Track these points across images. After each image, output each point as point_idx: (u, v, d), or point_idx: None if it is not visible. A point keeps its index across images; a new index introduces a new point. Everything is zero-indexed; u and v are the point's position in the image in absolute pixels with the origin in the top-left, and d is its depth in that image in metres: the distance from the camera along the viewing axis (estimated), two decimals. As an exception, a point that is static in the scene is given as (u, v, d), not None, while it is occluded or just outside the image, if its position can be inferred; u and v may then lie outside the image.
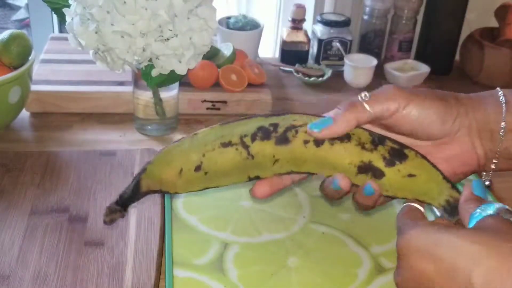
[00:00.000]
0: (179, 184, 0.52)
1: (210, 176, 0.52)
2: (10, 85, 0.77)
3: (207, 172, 0.52)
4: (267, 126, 0.52)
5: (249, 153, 0.51)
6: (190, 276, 0.59)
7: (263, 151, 0.52)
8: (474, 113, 0.50)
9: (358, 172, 0.51)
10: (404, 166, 0.50)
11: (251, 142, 0.51)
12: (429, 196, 0.50)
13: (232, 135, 0.52)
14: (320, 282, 0.60)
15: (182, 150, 0.52)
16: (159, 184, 0.52)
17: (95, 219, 0.65)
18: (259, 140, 0.52)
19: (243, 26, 1.03)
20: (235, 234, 0.65)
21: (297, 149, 0.52)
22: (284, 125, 0.52)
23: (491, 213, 0.41)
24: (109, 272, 0.58)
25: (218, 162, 0.52)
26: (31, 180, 0.71)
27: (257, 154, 0.52)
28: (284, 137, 0.52)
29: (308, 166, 0.52)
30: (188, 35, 0.70)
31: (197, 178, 0.52)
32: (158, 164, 0.52)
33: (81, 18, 0.70)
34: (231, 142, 0.52)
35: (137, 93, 0.82)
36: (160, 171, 0.52)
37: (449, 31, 1.11)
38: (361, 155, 0.51)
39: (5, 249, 0.60)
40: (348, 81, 1.07)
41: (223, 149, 0.52)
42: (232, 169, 0.52)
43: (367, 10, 1.12)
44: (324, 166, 0.52)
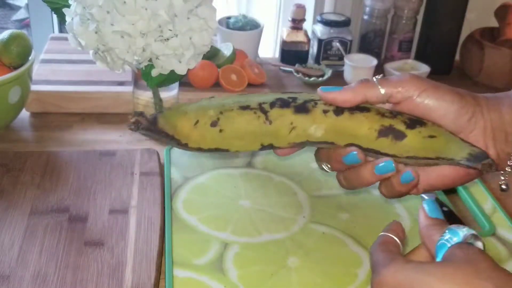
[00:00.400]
0: (193, 136, 0.51)
1: (224, 136, 0.51)
2: (10, 85, 0.77)
3: (222, 130, 0.51)
4: (285, 98, 0.52)
5: (267, 118, 0.51)
6: (190, 276, 0.59)
7: (281, 117, 0.51)
8: (490, 113, 0.49)
9: (378, 136, 0.50)
10: (425, 129, 0.50)
11: (270, 108, 0.51)
12: (451, 152, 0.50)
13: (251, 102, 0.51)
14: (320, 282, 0.60)
15: (200, 105, 0.51)
16: (173, 130, 0.51)
17: (95, 219, 0.65)
18: (278, 107, 0.51)
19: (243, 26, 1.03)
20: (235, 234, 0.65)
21: (316, 117, 0.51)
22: (302, 98, 0.52)
23: (458, 241, 0.41)
24: (109, 272, 0.58)
25: (235, 122, 0.51)
26: (31, 180, 0.71)
27: (276, 120, 0.51)
28: (303, 106, 0.51)
29: (326, 135, 0.52)
30: (188, 35, 0.70)
31: (211, 135, 0.51)
32: (175, 112, 0.51)
33: (81, 18, 0.70)
34: (249, 106, 0.51)
35: (137, 93, 0.82)
36: (176, 118, 0.51)
37: (449, 31, 1.11)
38: (382, 120, 0.50)
39: (5, 249, 0.60)
40: (348, 81, 1.07)
41: (242, 111, 0.51)
42: (247, 133, 0.51)
43: (367, 10, 1.12)
44: (342, 134, 0.51)
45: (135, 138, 0.85)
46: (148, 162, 0.75)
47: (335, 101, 0.51)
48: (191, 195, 0.71)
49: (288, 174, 0.76)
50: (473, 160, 0.49)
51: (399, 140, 0.50)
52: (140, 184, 0.71)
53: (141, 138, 0.85)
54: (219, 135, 0.51)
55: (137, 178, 0.72)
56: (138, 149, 0.78)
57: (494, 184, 0.78)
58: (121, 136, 0.85)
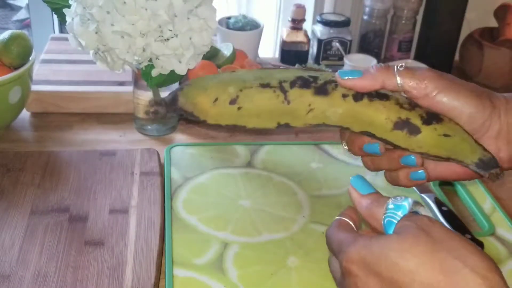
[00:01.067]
0: (211, 113, 0.51)
1: (242, 113, 0.51)
2: (10, 85, 0.77)
3: (240, 108, 0.51)
4: (306, 77, 0.52)
5: (286, 97, 0.51)
6: (190, 276, 0.59)
7: (300, 98, 0.51)
8: (507, 116, 0.49)
9: (394, 128, 0.51)
10: (441, 126, 0.50)
11: (290, 88, 0.51)
12: (462, 154, 0.50)
13: (271, 79, 0.51)
14: (320, 282, 0.60)
15: (220, 80, 0.51)
16: (192, 107, 0.51)
17: (95, 219, 0.65)
18: (297, 88, 0.51)
19: (243, 26, 1.04)
20: (235, 234, 0.65)
21: (335, 100, 0.51)
22: (323, 79, 0.52)
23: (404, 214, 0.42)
24: (109, 272, 0.58)
25: (254, 100, 0.51)
26: (31, 180, 0.71)
27: (294, 100, 0.51)
28: (323, 88, 0.51)
29: (343, 119, 0.52)
30: (188, 35, 0.70)
31: (230, 112, 0.51)
32: (195, 87, 0.51)
33: (81, 18, 0.70)
34: (269, 84, 0.51)
35: (137, 93, 0.83)
36: (196, 94, 0.51)
37: (448, 31, 1.11)
38: (399, 112, 0.50)
39: (5, 249, 0.60)
40: (348, 81, 1.07)
41: (261, 89, 0.51)
42: (265, 111, 0.51)
43: (366, 10, 1.12)
44: (359, 121, 0.51)
45: (135, 138, 0.85)
46: (148, 162, 0.76)
47: (354, 87, 0.50)
48: (191, 195, 0.71)
49: (288, 174, 0.76)
50: (482, 166, 0.50)
51: (413, 135, 0.50)
52: (140, 184, 0.71)
53: (141, 138, 0.85)
54: (237, 112, 0.51)
55: (137, 178, 0.73)
56: (138, 149, 0.78)
57: (493, 184, 0.78)
58: (121, 136, 0.86)
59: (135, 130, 0.87)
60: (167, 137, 0.86)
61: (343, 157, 0.80)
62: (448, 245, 0.38)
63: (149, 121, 0.85)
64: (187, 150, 0.79)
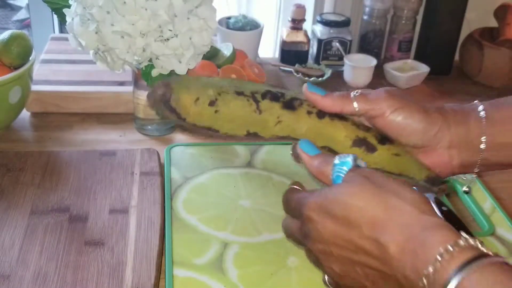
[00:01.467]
0: (192, 112, 0.55)
1: (218, 116, 0.55)
2: (10, 85, 0.77)
3: (217, 111, 0.55)
4: (275, 91, 0.57)
5: (258, 107, 0.55)
6: (190, 276, 0.59)
7: (270, 109, 0.56)
8: (457, 128, 0.53)
9: (352, 145, 0.56)
10: (393, 146, 0.56)
11: (262, 99, 0.56)
12: (411, 172, 0.56)
13: (245, 89, 0.56)
14: (320, 282, 0.60)
15: (201, 82, 0.55)
16: (175, 103, 0.54)
17: (95, 219, 0.65)
18: (268, 100, 0.56)
19: (243, 26, 1.04)
20: (235, 234, 0.65)
21: (301, 116, 0.56)
22: (290, 95, 0.57)
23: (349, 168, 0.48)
24: (109, 272, 0.58)
25: (230, 105, 0.55)
26: (31, 180, 0.71)
27: (265, 111, 0.56)
28: (291, 104, 0.56)
29: (307, 134, 0.56)
30: (188, 35, 0.70)
31: (208, 113, 0.55)
32: (179, 85, 0.55)
33: (81, 18, 0.70)
34: (243, 93, 0.55)
35: (137, 93, 0.83)
36: (180, 92, 0.54)
37: (448, 31, 1.11)
38: (357, 132, 0.56)
39: (5, 248, 0.60)
40: (348, 81, 1.07)
41: (237, 95, 0.55)
42: (239, 117, 0.55)
43: (366, 10, 1.12)
44: (321, 136, 0.57)
45: (135, 138, 0.85)
46: (148, 162, 0.76)
47: (315, 103, 0.56)
48: (191, 195, 0.71)
49: (288, 174, 0.76)
50: (430, 182, 0.56)
51: (370, 152, 0.56)
52: (140, 184, 0.72)
53: (141, 138, 0.85)
54: (214, 115, 0.55)
55: (137, 178, 0.73)
56: (138, 149, 0.78)
57: (493, 184, 0.78)
58: (121, 136, 0.86)
59: (135, 130, 0.87)
60: (167, 137, 0.86)
61: (343, 157, 0.80)
62: (389, 187, 0.45)
63: (149, 121, 0.85)
64: (187, 150, 0.79)
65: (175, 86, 0.54)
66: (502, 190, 0.78)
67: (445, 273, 0.38)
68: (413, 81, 1.08)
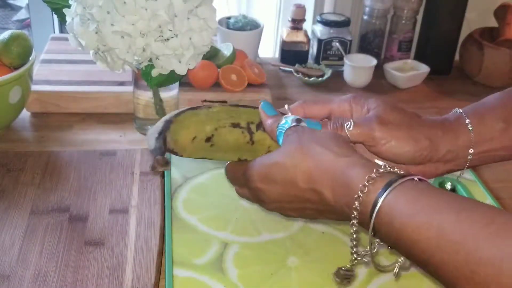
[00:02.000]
0: (189, 149, 0.57)
1: (213, 149, 0.58)
2: (10, 85, 0.77)
3: (213, 145, 0.58)
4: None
5: (252, 138, 0.58)
6: (190, 276, 0.59)
7: (263, 140, 0.58)
8: (445, 145, 0.55)
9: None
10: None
11: (256, 130, 0.58)
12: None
13: (241, 118, 0.58)
14: (320, 281, 0.60)
15: (199, 119, 0.58)
16: (173, 144, 0.56)
17: (95, 219, 0.65)
18: (261, 130, 0.58)
19: (243, 26, 1.04)
20: (235, 234, 0.65)
21: None
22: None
23: (288, 126, 0.53)
24: (109, 271, 0.58)
25: (225, 139, 0.58)
26: (31, 180, 0.71)
27: (257, 142, 0.58)
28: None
29: None
30: (188, 35, 0.70)
31: (204, 148, 0.58)
32: (178, 126, 0.57)
33: (81, 18, 0.70)
34: (239, 124, 0.58)
35: (137, 93, 0.83)
36: (178, 132, 0.57)
37: (448, 31, 1.11)
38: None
39: (5, 248, 0.60)
40: (348, 81, 1.07)
41: (232, 128, 0.58)
42: (232, 148, 0.58)
43: (366, 10, 1.12)
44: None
45: (135, 138, 0.85)
46: (148, 162, 0.76)
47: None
48: (191, 195, 0.71)
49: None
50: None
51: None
52: (140, 184, 0.72)
53: (141, 138, 0.85)
54: (209, 149, 0.58)
55: (137, 178, 0.73)
56: (138, 149, 0.78)
57: (493, 184, 0.78)
58: (121, 136, 0.86)
59: (135, 130, 0.87)
60: (167, 137, 0.86)
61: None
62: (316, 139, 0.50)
63: (149, 121, 0.85)
64: (187, 150, 0.79)
65: (174, 126, 0.56)
66: (502, 190, 0.78)
67: (372, 197, 0.44)
68: (413, 81, 1.08)
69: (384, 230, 0.44)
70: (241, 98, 0.92)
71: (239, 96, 0.91)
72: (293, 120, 0.54)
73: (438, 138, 0.55)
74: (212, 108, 0.59)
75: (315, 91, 1.04)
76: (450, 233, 0.40)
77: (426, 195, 0.43)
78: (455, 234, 0.39)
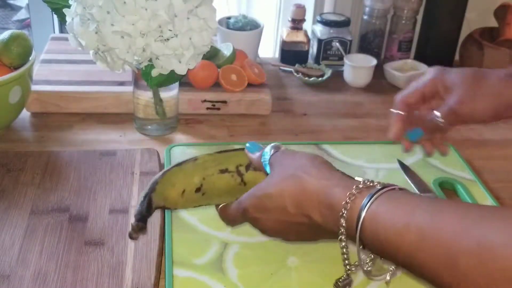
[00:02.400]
0: (180, 202, 0.59)
1: (206, 196, 0.60)
2: (10, 85, 0.77)
3: (204, 193, 0.60)
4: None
5: (242, 180, 0.61)
6: (190, 275, 0.59)
7: (254, 180, 0.60)
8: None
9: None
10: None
11: (246, 171, 0.61)
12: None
13: (229, 163, 0.60)
14: (320, 282, 0.60)
15: (186, 173, 0.59)
16: (163, 201, 0.58)
17: (95, 219, 0.65)
18: (252, 170, 0.61)
19: (243, 26, 1.04)
20: (235, 234, 0.65)
21: None
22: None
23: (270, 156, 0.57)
24: (109, 271, 0.58)
25: (215, 185, 0.60)
26: (31, 180, 0.71)
27: (250, 182, 0.60)
28: None
29: None
30: (188, 35, 0.71)
31: (196, 198, 0.60)
32: (165, 185, 0.58)
33: (81, 18, 0.70)
34: (227, 169, 0.60)
35: (137, 93, 0.83)
36: (166, 191, 0.58)
37: (448, 31, 1.11)
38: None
39: (5, 248, 0.60)
40: (348, 81, 1.07)
41: (221, 175, 0.60)
42: (225, 192, 0.60)
43: (367, 10, 1.12)
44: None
45: (135, 138, 0.85)
46: (148, 162, 0.76)
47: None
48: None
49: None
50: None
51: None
52: (140, 184, 0.72)
53: (141, 138, 0.85)
54: (202, 197, 0.60)
55: (137, 178, 0.73)
56: (138, 149, 0.78)
57: (493, 184, 0.78)
58: (121, 136, 0.86)
59: (135, 130, 0.87)
60: (167, 137, 0.86)
61: (343, 157, 0.80)
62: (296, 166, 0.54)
63: (149, 121, 0.85)
64: (187, 150, 0.79)
65: (160, 186, 0.58)
66: (502, 190, 0.78)
67: (355, 212, 0.47)
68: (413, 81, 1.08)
69: (370, 240, 0.47)
70: (241, 99, 0.92)
71: (239, 96, 0.91)
72: (271, 148, 0.58)
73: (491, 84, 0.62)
74: (198, 159, 0.61)
75: (315, 91, 1.04)
76: (428, 232, 0.42)
77: (404, 202, 0.45)
78: (434, 233, 0.41)
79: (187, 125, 0.89)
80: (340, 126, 0.93)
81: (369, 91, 1.06)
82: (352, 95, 1.05)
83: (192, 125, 0.90)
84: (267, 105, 0.93)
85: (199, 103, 0.91)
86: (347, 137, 0.90)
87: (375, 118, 0.97)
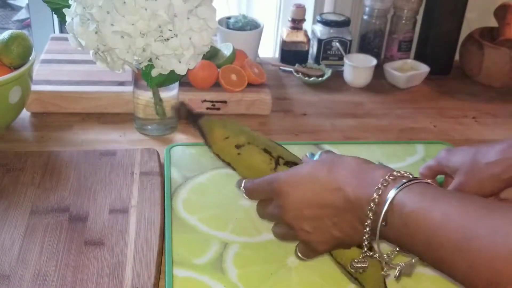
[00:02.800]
0: (218, 145, 0.61)
1: (239, 159, 0.61)
2: (10, 85, 0.77)
3: (240, 154, 0.61)
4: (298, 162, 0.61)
5: (276, 168, 0.61)
6: (190, 275, 0.59)
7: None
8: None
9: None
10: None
11: (283, 164, 0.61)
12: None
13: (275, 150, 0.61)
14: (320, 281, 0.60)
15: (238, 128, 0.62)
16: (208, 130, 0.61)
17: (95, 219, 0.65)
18: (287, 166, 0.61)
19: (243, 26, 1.04)
20: (235, 234, 0.65)
21: None
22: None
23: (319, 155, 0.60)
24: (109, 271, 0.58)
25: (252, 156, 0.61)
26: (31, 180, 0.71)
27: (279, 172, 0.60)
28: None
29: None
30: (188, 35, 0.71)
31: (231, 153, 0.61)
32: (219, 121, 0.62)
33: (81, 18, 0.70)
34: (271, 153, 0.61)
35: (137, 93, 0.83)
36: (217, 126, 0.61)
37: (448, 31, 1.11)
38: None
39: (5, 248, 0.60)
40: (348, 81, 1.07)
41: (263, 152, 0.61)
42: (255, 168, 0.60)
43: (366, 10, 1.12)
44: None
45: (135, 138, 0.85)
46: (148, 162, 0.76)
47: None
48: (191, 195, 0.71)
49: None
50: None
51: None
52: (140, 184, 0.72)
53: (141, 138, 0.85)
54: (236, 157, 0.61)
55: (137, 178, 0.73)
56: (138, 149, 0.78)
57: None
58: (121, 136, 0.86)
59: (135, 130, 0.87)
60: (167, 137, 0.86)
61: (343, 157, 0.80)
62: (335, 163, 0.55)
63: (149, 121, 0.85)
64: (187, 150, 0.79)
65: (214, 118, 0.61)
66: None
67: (385, 194, 0.49)
68: (413, 81, 1.08)
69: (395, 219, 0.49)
70: (241, 99, 0.92)
71: (239, 96, 0.91)
72: (322, 152, 0.60)
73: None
74: (256, 131, 0.63)
75: (315, 91, 1.04)
76: (452, 214, 0.45)
77: (433, 191, 0.49)
78: (456, 216, 0.45)
79: (187, 125, 0.89)
80: (340, 126, 0.93)
81: (369, 91, 1.06)
82: (352, 95, 1.05)
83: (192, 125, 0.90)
84: (267, 105, 0.93)
85: (199, 103, 0.91)
86: (347, 137, 0.90)
87: (375, 118, 0.97)
